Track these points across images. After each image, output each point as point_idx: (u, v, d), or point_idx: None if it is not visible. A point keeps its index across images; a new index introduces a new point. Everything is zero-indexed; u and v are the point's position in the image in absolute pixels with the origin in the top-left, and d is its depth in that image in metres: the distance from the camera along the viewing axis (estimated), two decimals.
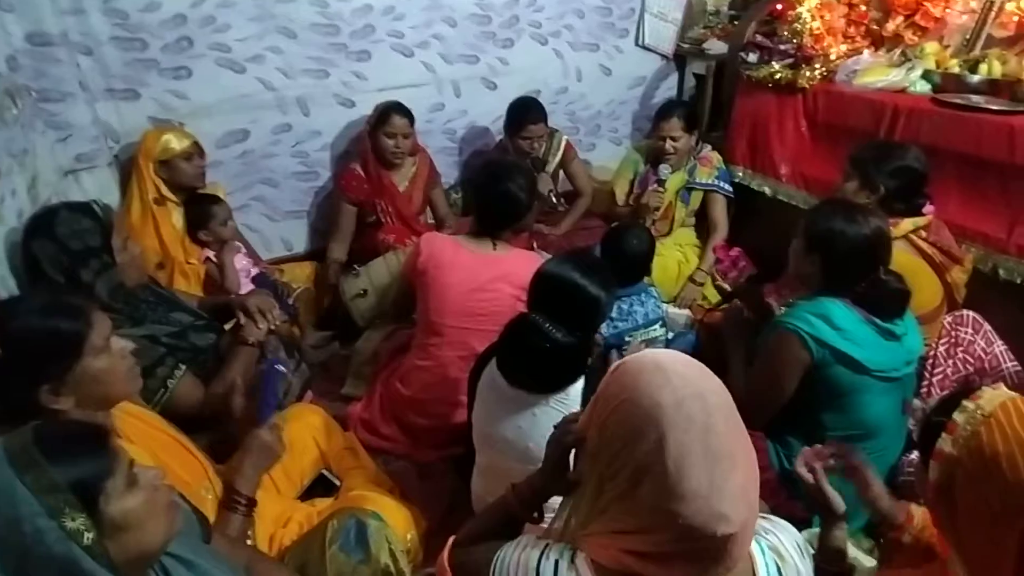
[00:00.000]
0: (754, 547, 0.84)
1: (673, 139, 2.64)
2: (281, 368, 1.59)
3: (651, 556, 0.76)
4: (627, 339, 2.03)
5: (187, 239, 2.32)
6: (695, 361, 0.83)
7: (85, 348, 1.12)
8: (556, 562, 0.84)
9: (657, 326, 2.11)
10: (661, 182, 2.70)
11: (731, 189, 2.78)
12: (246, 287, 2.31)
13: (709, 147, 2.82)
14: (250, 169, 2.72)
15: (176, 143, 2.25)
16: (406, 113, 2.59)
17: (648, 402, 0.76)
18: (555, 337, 1.31)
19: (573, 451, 1.02)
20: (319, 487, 1.69)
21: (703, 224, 2.85)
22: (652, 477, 0.74)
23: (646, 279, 2.18)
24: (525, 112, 2.77)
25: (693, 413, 0.75)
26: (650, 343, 2.08)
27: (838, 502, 1.14)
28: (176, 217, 2.31)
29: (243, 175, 2.71)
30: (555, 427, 1.09)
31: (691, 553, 0.74)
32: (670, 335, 2.24)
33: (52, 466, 0.75)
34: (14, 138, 1.74)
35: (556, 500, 1.04)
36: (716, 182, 2.76)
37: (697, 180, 2.75)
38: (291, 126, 2.72)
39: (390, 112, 2.56)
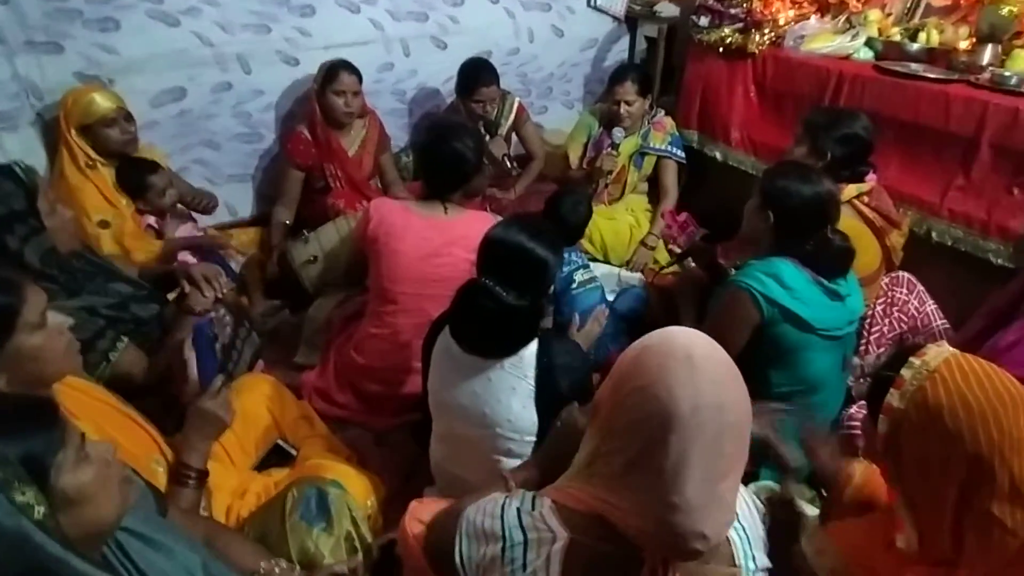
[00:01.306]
0: None
1: (627, 103, 2.64)
2: (209, 332, 1.50)
3: (631, 527, 0.79)
4: (574, 277, 2.11)
5: (127, 203, 2.19)
6: (728, 361, 0.81)
7: (18, 324, 1.06)
8: (517, 508, 0.87)
9: (588, 268, 2.21)
10: (615, 146, 2.71)
11: (683, 155, 2.81)
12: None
13: (663, 112, 2.83)
14: (189, 130, 2.58)
15: (98, 106, 2.09)
16: (354, 70, 2.50)
17: (664, 395, 0.74)
18: (506, 300, 1.30)
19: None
20: (274, 457, 1.67)
21: (655, 189, 2.88)
22: (647, 472, 0.75)
23: None
24: (477, 74, 2.71)
25: (706, 423, 0.74)
26: (590, 281, 2.15)
27: (793, 458, 1.19)
28: (112, 179, 2.18)
29: (181, 136, 2.57)
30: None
31: (666, 545, 0.78)
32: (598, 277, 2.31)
33: (1, 438, 0.72)
34: None
35: None
36: (669, 148, 2.78)
37: (651, 145, 2.77)
38: (232, 85, 2.59)
39: (338, 69, 2.46)
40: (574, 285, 2.10)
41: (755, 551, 0.88)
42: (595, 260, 2.63)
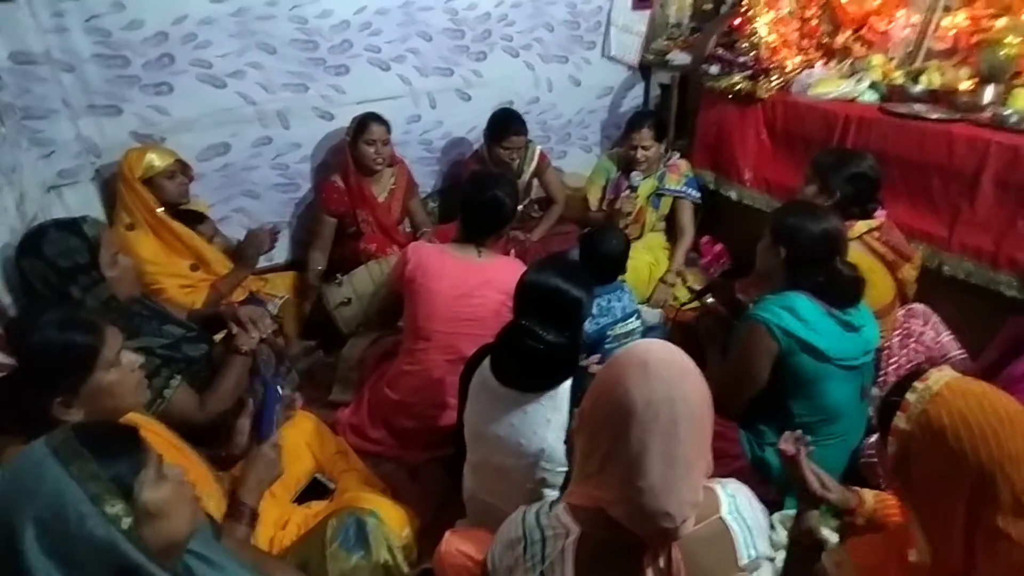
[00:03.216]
0: (715, 487, 0.97)
1: (644, 148, 2.75)
2: (280, 390, 1.64)
3: (618, 515, 0.89)
4: (608, 333, 2.11)
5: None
6: (683, 363, 0.92)
7: (98, 362, 1.16)
8: (536, 512, 0.98)
9: (633, 319, 2.20)
10: (633, 188, 2.81)
11: (699, 195, 2.91)
12: None
13: (678, 155, 2.94)
14: (231, 182, 2.75)
15: (158, 161, 2.24)
16: (383, 121, 2.65)
17: (623, 395, 0.87)
18: (548, 339, 1.38)
19: None
20: (312, 491, 1.74)
21: (672, 228, 2.98)
22: (617, 463, 0.86)
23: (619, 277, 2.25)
24: (508, 123, 2.86)
25: (659, 414, 0.85)
26: (629, 334, 2.17)
27: (815, 487, 1.25)
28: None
29: (224, 187, 2.74)
30: None
31: (639, 526, 0.88)
32: (642, 328, 2.34)
33: (94, 457, 0.81)
34: (3, 156, 1.76)
35: None
36: (684, 188, 2.88)
37: (667, 186, 2.87)
38: (271, 139, 2.77)
39: (368, 121, 2.62)
40: (608, 339, 2.12)
41: (756, 540, 0.95)
42: None
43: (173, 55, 2.41)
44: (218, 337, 1.89)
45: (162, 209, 2.25)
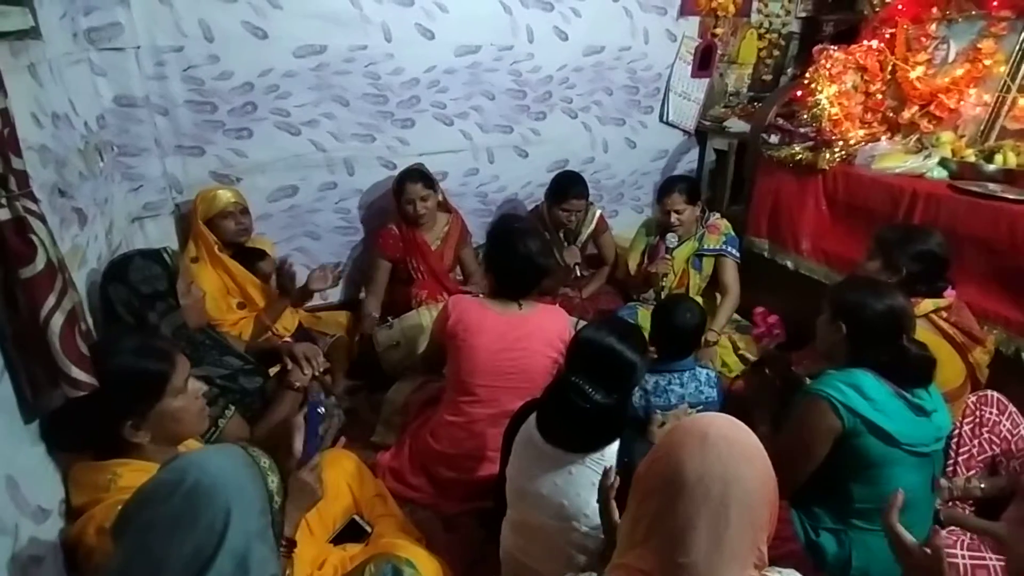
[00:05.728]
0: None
1: (677, 212, 2.73)
2: (321, 410, 1.63)
3: None
4: (656, 414, 1.93)
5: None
6: (748, 445, 0.86)
7: (167, 388, 1.21)
8: None
9: (694, 412, 1.96)
10: (669, 250, 2.78)
11: (738, 254, 2.85)
12: None
13: (717, 215, 2.90)
14: (296, 222, 2.88)
15: (216, 202, 2.37)
16: (419, 177, 2.70)
17: (676, 465, 0.83)
18: (596, 399, 1.36)
19: None
20: (348, 531, 1.72)
21: (718, 288, 2.90)
22: (661, 534, 0.82)
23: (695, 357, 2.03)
24: (571, 184, 2.90)
25: (710, 492, 0.80)
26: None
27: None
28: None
29: (289, 227, 2.87)
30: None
31: None
32: None
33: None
34: (98, 188, 1.89)
35: None
36: (724, 247, 2.83)
37: (706, 247, 2.83)
38: (336, 184, 2.89)
39: (404, 181, 2.69)
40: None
41: None
42: None
43: (256, 103, 2.57)
44: (272, 371, 1.94)
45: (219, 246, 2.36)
